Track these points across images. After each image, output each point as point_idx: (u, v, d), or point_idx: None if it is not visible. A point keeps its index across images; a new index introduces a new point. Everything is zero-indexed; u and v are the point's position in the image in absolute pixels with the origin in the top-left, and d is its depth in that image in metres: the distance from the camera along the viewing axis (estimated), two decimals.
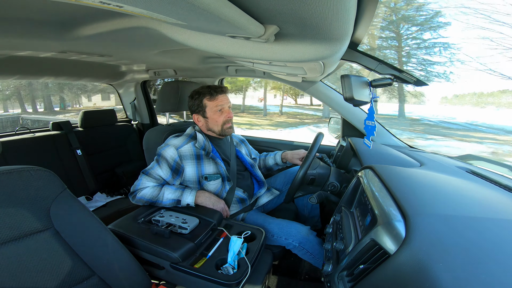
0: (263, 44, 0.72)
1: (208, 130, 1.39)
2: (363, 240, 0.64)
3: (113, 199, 2.12)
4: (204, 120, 1.37)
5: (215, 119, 1.34)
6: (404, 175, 0.87)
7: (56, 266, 0.74)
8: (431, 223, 0.54)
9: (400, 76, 1.00)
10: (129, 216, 1.16)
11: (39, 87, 17.00)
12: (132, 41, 1.12)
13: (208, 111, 1.34)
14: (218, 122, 1.34)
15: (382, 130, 1.58)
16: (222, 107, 1.33)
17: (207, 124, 1.37)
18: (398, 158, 1.20)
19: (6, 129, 6.70)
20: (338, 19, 0.51)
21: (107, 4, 0.41)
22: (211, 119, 1.34)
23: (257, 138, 2.27)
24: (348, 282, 0.64)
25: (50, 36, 1.01)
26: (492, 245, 0.49)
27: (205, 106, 1.34)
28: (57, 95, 18.32)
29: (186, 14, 0.46)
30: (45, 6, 0.78)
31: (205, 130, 1.40)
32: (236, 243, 1.00)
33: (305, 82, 1.70)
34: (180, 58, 1.67)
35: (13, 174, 0.74)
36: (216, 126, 1.35)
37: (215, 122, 1.34)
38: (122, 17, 0.87)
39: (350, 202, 0.98)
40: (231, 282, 0.87)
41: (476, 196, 0.74)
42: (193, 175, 1.30)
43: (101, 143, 2.34)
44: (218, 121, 1.34)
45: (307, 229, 1.25)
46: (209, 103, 1.33)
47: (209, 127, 1.37)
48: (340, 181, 1.30)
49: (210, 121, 1.35)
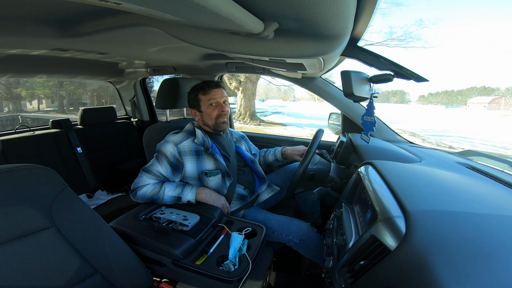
0: (262, 41, 0.72)
1: (204, 124, 1.40)
2: (363, 236, 0.65)
3: (114, 197, 2.13)
4: (199, 114, 1.38)
5: (208, 113, 1.35)
6: (404, 171, 0.87)
7: (59, 264, 0.74)
8: (431, 219, 0.54)
9: (400, 71, 0.99)
10: (130, 213, 1.16)
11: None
12: (131, 38, 1.11)
13: (202, 105, 1.35)
14: (212, 116, 1.35)
15: (382, 126, 1.57)
16: (215, 101, 1.34)
17: (202, 118, 1.38)
18: (398, 153, 1.20)
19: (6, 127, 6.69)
20: (338, 15, 0.51)
21: (105, 1, 0.41)
22: (205, 113, 1.36)
23: (257, 134, 2.27)
24: (348, 278, 0.65)
25: (48, 33, 1.01)
26: (492, 241, 0.49)
27: (199, 100, 1.36)
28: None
29: (185, 11, 0.46)
30: (43, 3, 0.78)
31: (201, 125, 1.41)
32: (237, 239, 1.00)
33: (305, 78, 1.69)
34: (179, 55, 1.67)
35: (13, 172, 0.73)
36: (210, 120, 1.36)
37: (208, 116, 1.36)
38: (120, 15, 0.86)
39: (351, 198, 0.98)
40: (232, 279, 0.87)
41: (476, 192, 0.74)
42: (193, 171, 1.30)
43: (101, 140, 2.34)
44: (212, 115, 1.35)
45: (307, 225, 1.26)
46: (202, 97, 1.35)
47: (204, 122, 1.38)
48: (341, 177, 1.30)
49: (204, 115, 1.37)
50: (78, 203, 0.83)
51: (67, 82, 14.04)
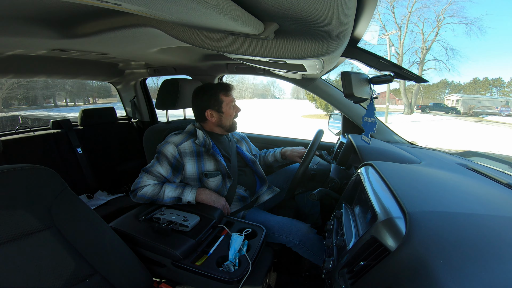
0: (262, 42, 0.72)
1: (219, 125, 1.40)
2: (363, 237, 0.64)
3: (114, 197, 2.13)
4: (218, 115, 1.38)
5: (230, 114, 1.39)
6: (404, 171, 0.87)
7: (58, 264, 0.74)
8: (431, 220, 0.54)
9: (400, 72, 0.99)
10: (130, 214, 1.16)
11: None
12: (131, 39, 1.11)
13: (224, 106, 1.37)
14: (232, 117, 1.41)
15: (382, 126, 1.57)
16: (234, 103, 1.41)
17: (220, 119, 1.38)
18: (398, 154, 1.20)
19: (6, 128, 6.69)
20: (338, 16, 0.51)
21: (105, 2, 0.41)
22: (226, 114, 1.38)
23: (257, 135, 2.27)
24: (348, 279, 0.65)
25: (49, 34, 1.01)
26: (492, 242, 0.49)
27: (222, 101, 1.37)
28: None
29: (186, 12, 0.46)
30: (43, 4, 0.78)
31: (214, 126, 1.41)
32: (237, 240, 1.00)
33: (305, 79, 1.69)
34: (179, 56, 1.67)
35: (13, 173, 0.74)
36: (229, 120, 1.40)
37: (229, 117, 1.39)
38: (120, 15, 0.86)
39: (351, 199, 0.98)
40: (232, 280, 0.87)
41: (476, 193, 0.74)
42: (194, 172, 1.30)
43: (102, 141, 2.34)
44: (232, 116, 1.40)
45: (307, 227, 1.25)
46: (225, 99, 1.37)
47: (221, 122, 1.39)
48: (340, 177, 1.30)
49: (225, 116, 1.38)
50: (78, 204, 0.83)
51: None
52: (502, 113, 17.14)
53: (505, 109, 17.66)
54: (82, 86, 22.22)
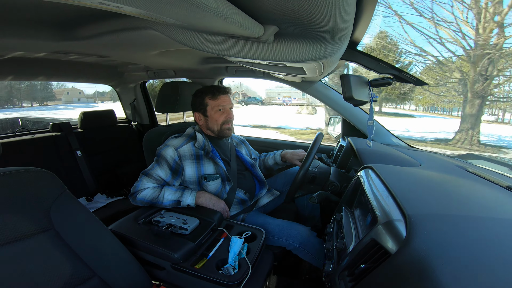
0: (262, 45, 0.72)
1: (208, 129, 1.39)
2: (363, 240, 0.64)
3: (114, 200, 2.12)
4: (204, 118, 1.38)
5: (215, 118, 1.35)
6: (404, 174, 0.87)
7: (57, 267, 0.74)
8: (431, 222, 0.54)
9: (399, 75, 1.00)
10: (130, 217, 1.15)
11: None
12: (131, 42, 1.12)
13: (209, 110, 1.35)
14: (218, 122, 1.35)
15: (382, 129, 1.58)
16: (223, 107, 1.35)
17: (207, 123, 1.38)
18: (398, 157, 1.20)
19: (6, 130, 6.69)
20: (337, 19, 0.51)
21: (106, 5, 0.41)
22: (211, 118, 1.36)
23: (257, 138, 2.27)
24: (349, 282, 0.64)
25: (49, 36, 1.01)
26: (493, 245, 0.49)
27: (206, 104, 1.35)
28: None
29: (185, 14, 0.46)
30: (44, 6, 0.78)
31: (204, 129, 1.41)
32: (237, 243, 1.00)
33: (304, 82, 1.70)
34: (179, 59, 1.67)
35: (13, 175, 0.73)
36: (216, 125, 1.36)
37: (214, 122, 1.36)
38: (121, 18, 0.86)
39: (351, 202, 0.98)
40: (232, 283, 0.87)
41: (476, 195, 0.74)
42: (193, 176, 1.30)
43: (101, 144, 2.33)
44: (218, 121, 1.35)
45: (307, 230, 1.25)
46: (210, 102, 1.35)
47: (208, 126, 1.38)
48: (340, 180, 1.30)
49: (210, 120, 1.36)
50: (77, 206, 0.83)
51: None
52: (285, 103, 25.47)
53: (287, 99, 26.18)
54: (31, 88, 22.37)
